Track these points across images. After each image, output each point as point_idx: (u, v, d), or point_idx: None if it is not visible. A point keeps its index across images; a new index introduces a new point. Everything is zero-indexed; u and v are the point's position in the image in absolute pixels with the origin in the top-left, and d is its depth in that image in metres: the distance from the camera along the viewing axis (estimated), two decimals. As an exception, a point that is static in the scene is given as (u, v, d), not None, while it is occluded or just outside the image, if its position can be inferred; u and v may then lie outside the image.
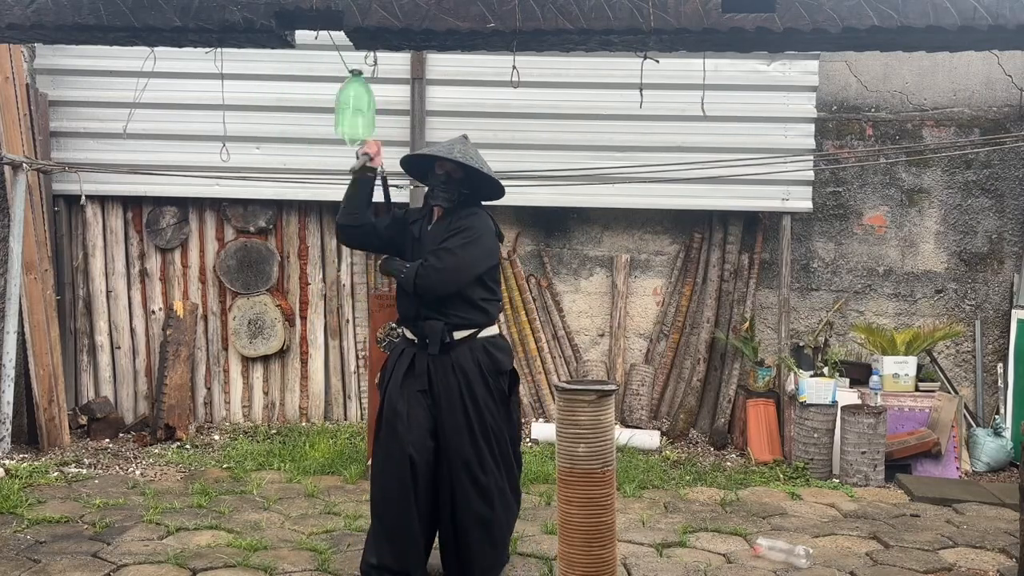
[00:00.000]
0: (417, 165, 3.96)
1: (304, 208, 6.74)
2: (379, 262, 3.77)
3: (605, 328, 6.86)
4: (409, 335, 3.78)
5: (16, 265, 5.85)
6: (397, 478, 3.60)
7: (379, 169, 3.83)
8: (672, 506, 5.10)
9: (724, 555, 4.33)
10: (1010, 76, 6.74)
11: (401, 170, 4.01)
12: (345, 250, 6.73)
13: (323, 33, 3.17)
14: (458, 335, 3.68)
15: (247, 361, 6.78)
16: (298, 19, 3.07)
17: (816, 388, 5.90)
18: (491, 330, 3.80)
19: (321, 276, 6.78)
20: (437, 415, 3.66)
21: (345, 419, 6.76)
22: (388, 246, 3.89)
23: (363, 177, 3.79)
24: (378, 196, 3.87)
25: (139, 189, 6.54)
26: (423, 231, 3.80)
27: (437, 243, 3.68)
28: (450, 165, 3.72)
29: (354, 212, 3.82)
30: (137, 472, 5.64)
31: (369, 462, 3.86)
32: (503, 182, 3.86)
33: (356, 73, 3.71)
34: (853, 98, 6.86)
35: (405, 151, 6.47)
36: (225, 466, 5.73)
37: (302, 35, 3.24)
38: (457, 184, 3.74)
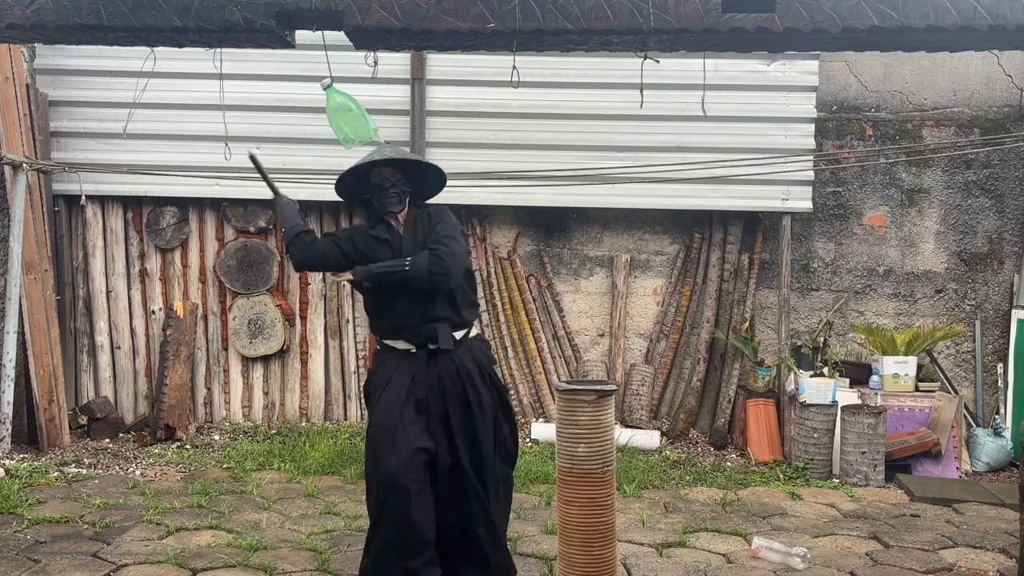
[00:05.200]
0: (349, 190, 3.90)
1: (304, 208, 6.67)
2: (360, 272, 3.67)
3: (605, 328, 6.86)
4: (403, 346, 3.62)
5: (16, 265, 5.85)
6: (382, 497, 3.44)
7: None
8: (672, 506, 5.10)
9: (724, 555, 4.33)
10: (1010, 76, 6.75)
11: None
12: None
13: (319, 34, 3.17)
14: (458, 335, 3.62)
15: (247, 361, 6.78)
16: (298, 19, 3.06)
17: (816, 388, 5.90)
18: (476, 328, 3.78)
19: (321, 276, 6.77)
20: (438, 423, 3.54)
21: (345, 419, 6.76)
22: (346, 263, 3.73)
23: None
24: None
25: (139, 189, 6.54)
26: (399, 241, 3.66)
27: (426, 238, 3.58)
28: (386, 170, 3.68)
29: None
30: (137, 472, 5.64)
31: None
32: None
33: (328, 85, 3.74)
34: (853, 98, 6.86)
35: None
36: (225, 466, 5.73)
37: (303, 35, 3.24)
38: (401, 185, 3.69)
